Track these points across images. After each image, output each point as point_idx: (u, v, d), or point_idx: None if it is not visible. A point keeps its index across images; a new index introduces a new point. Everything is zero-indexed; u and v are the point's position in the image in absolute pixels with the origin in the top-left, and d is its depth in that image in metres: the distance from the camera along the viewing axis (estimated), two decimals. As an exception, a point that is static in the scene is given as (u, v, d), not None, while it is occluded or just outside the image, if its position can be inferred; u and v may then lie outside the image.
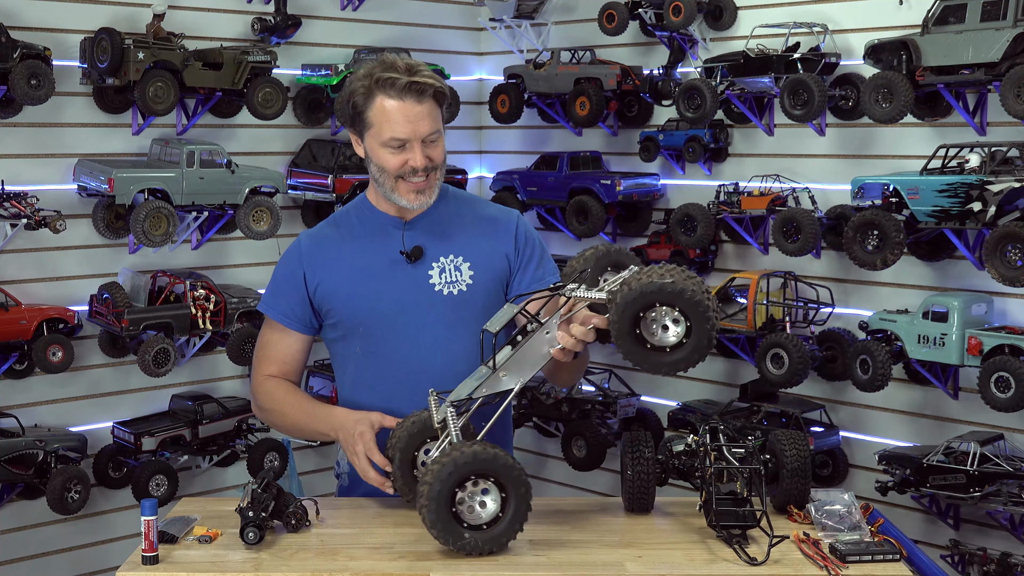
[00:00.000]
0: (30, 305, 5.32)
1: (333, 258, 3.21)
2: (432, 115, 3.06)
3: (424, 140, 3.05)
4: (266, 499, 2.79)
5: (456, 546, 2.62)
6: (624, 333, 2.53)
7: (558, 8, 6.63)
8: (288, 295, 3.24)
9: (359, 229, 3.23)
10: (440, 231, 3.20)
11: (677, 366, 2.57)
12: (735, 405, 5.70)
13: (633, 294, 2.50)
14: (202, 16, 5.83)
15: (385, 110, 3.02)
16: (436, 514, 2.60)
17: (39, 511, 5.42)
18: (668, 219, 5.96)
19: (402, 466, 2.89)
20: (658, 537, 2.86)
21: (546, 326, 2.72)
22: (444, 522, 2.60)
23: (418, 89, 3.01)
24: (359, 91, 3.05)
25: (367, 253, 3.19)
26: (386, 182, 3.10)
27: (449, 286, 3.16)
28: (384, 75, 3.01)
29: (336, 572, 2.62)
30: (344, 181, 6.01)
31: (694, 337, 2.53)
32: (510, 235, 3.27)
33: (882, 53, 5.01)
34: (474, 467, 2.59)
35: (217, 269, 6.00)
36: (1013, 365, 4.63)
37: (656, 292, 2.50)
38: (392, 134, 3.02)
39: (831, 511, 2.86)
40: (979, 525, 5.07)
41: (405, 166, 3.06)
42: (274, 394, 3.26)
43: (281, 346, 3.28)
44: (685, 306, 2.51)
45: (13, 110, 5.26)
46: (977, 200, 4.66)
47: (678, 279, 2.51)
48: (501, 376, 2.73)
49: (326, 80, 6.09)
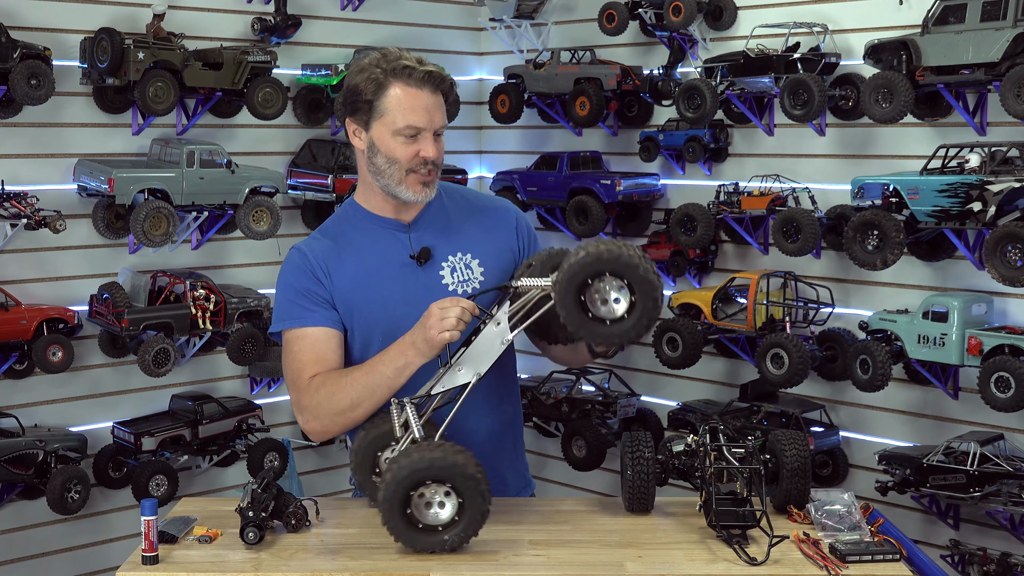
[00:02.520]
0: (30, 305, 5.32)
1: (338, 269, 3.08)
2: (443, 108, 3.04)
3: (435, 132, 3.02)
4: (266, 499, 2.79)
5: (409, 546, 2.65)
6: (569, 303, 2.55)
7: (558, 8, 6.64)
8: (307, 299, 3.06)
9: (356, 236, 3.12)
10: (443, 229, 3.15)
11: (624, 336, 2.60)
12: (735, 405, 5.70)
13: (578, 263, 2.53)
14: (202, 16, 5.84)
15: (402, 98, 2.98)
16: (391, 514, 2.62)
17: (39, 511, 5.42)
18: (668, 219, 5.96)
19: (363, 469, 2.91)
20: (658, 537, 2.86)
21: (496, 318, 2.74)
22: (396, 521, 2.63)
23: (435, 80, 3.00)
24: (369, 80, 2.99)
25: (373, 259, 3.09)
26: (394, 174, 3.03)
27: (462, 285, 3.11)
28: (400, 64, 2.98)
29: (336, 572, 2.62)
30: (344, 181, 6.01)
31: (639, 308, 2.56)
32: (512, 229, 3.24)
33: (882, 53, 5.01)
34: (430, 473, 2.60)
35: (217, 269, 6.00)
36: (1013, 365, 4.62)
37: (600, 261, 2.52)
38: (408, 122, 2.97)
39: (831, 511, 2.86)
40: (979, 525, 5.07)
41: (416, 157, 3.01)
42: (325, 379, 2.97)
43: (317, 347, 3.03)
44: (629, 275, 2.54)
45: (13, 110, 5.27)
46: (977, 200, 4.66)
47: (620, 249, 2.54)
48: (457, 371, 2.76)
49: (326, 80, 6.09)
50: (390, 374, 2.85)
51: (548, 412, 6.27)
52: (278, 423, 6.29)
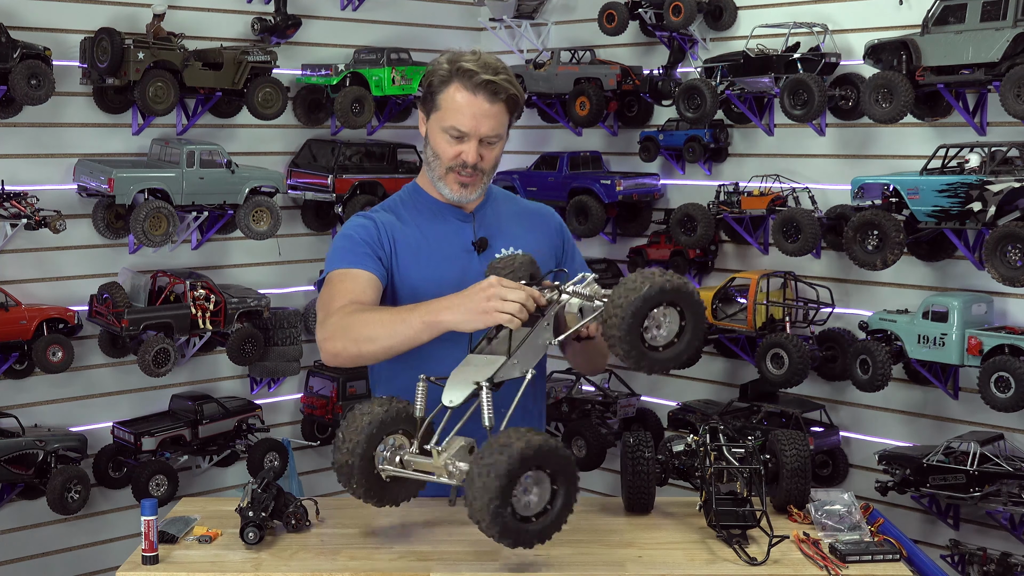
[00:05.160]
0: (30, 305, 5.32)
1: (402, 241, 3.14)
2: (498, 118, 3.10)
3: (483, 139, 3.09)
4: (266, 499, 2.79)
5: (507, 539, 2.50)
6: (634, 338, 2.55)
7: (558, 8, 6.64)
8: (367, 248, 3.07)
9: (419, 217, 3.20)
10: (497, 224, 3.25)
11: (677, 360, 2.63)
12: (735, 405, 5.69)
13: (641, 299, 2.53)
14: (202, 16, 5.84)
15: (455, 99, 3.06)
16: (500, 504, 2.43)
17: (39, 511, 5.42)
18: (668, 219, 5.96)
19: (362, 467, 2.72)
20: (658, 537, 2.86)
21: (546, 317, 2.73)
22: (503, 513, 2.45)
23: (493, 89, 3.05)
24: (439, 73, 3.09)
25: (436, 240, 3.16)
26: (437, 168, 3.13)
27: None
28: (466, 66, 3.05)
29: (336, 572, 2.62)
30: (344, 181, 6.02)
31: (689, 331, 2.61)
32: (554, 231, 3.36)
33: (882, 53, 5.01)
34: (536, 460, 2.46)
35: (217, 269, 6.00)
36: (1013, 365, 4.62)
37: (664, 293, 2.55)
38: (454, 123, 3.06)
39: (831, 511, 2.86)
40: (979, 525, 5.07)
41: (457, 158, 3.09)
42: (358, 308, 2.92)
43: (359, 285, 3.01)
44: (686, 304, 2.58)
45: (13, 110, 5.27)
46: (977, 200, 4.66)
47: (676, 280, 2.57)
48: (513, 362, 2.69)
49: (326, 80, 6.09)
50: (417, 326, 2.77)
51: (548, 412, 6.26)
52: (278, 423, 6.29)
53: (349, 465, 2.70)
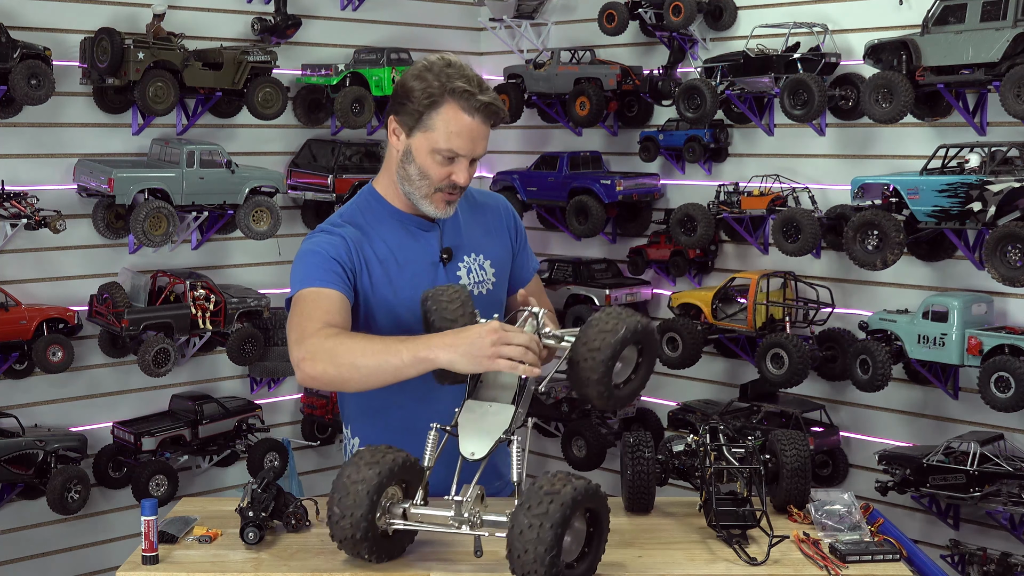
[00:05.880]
0: (30, 305, 5.32)
1: (372, 259, 3.03)
2: (487, 138, 3.01)
3: (472, 159, 3.01)
4: (266, 499, 2.79)
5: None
6: (608, 380, 2.62)
7: (558, 8, 6.64)
8: (338, 266, 2.95)
9: (383, 230, 3.08)
10: (457, 229, 3.15)
11: (633, 395, 2.75)
12: (735, 405, 5.69)
13: (619, 342, 2.59)
14: (202, 16, 5.84)
15: (452, 121, 2.94)
16: (553, 559, 2.36)
17: (39, 511, 5.42)
18: (668, 219, 5.96)
19: (368, 537, 2.56)
20: (658, 537, 2.86)
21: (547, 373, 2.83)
22: (555, 567, 2.37)
23: (491, 111, 2.97)
24: (426, 90, 2.94)
25: (406, 255, 3.06)
26: (422, 188, 3.01)
27: (478, 286, 3.14)
28: (462, 86, 2.92)
29: (336, 572, 2.62)
30: (344, 181, 6.01)
31: (644, 366, 2.74)
32: (506, 224, 3.29)
33: (882, 53, 5.01)
34: (583, 503, 2.44)
35: (217, 269, 6.00)
36: (1013, 365, 4.62)
37: (636, 334, 2.62)
38: (451, 145, 2.95)
39: (831, 511, 2.86)
40: (979, 525, 5.07)
41: (448, 180, 2.99)
42: (340, 332, 2.79)
43: (333, 307, 2.87)
44: (649, 343, 2.72)
45: (13, 110, 5.27)
46: (977, 200, 4.66)
47: (643, 320, 2.65)
48: (521, 412, 2.74)
49: (326, 80, 6.10)
50: (407, 359, 2.66)
51: (548, 412, 6.26)
52: (278, 423, 6.29)
53: (354, 539, 2.56)
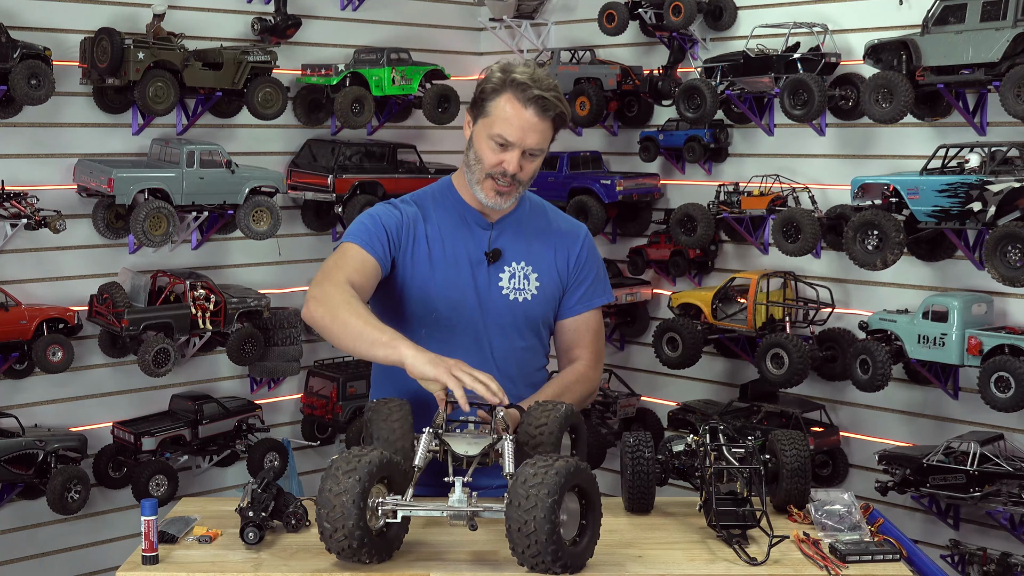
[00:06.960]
0: (30, 305, 5.31)
1: (421, 237, 3.27)
2: (544, 133, 3.19)
3: (526, 151, 3.17)
4: (266, 499, 2.79)
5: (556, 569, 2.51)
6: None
7: (558, 8, 6.64)
8: (384, 235, 3.21)
9: (442, 215, 3.31)
10: (516, 236, 3.34)
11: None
12: (735, 405, 5.69)
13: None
14: (202, 16, 5.83)
15: (506, 109, 3.15)
16: (549, 533, 2.44)
17: (39, 511, 5.42)
18: (668, 219, 5.96)
19: (364, 542, 2.53)
20: (658, 537, 2.86)
21: None
22: (556, 542, 2.44)
23: (543, 105, 3.14)
24: (492, 81, 3.19)
25: (455, 244, 3.28)
26: (477, 172, 3.23)
27: (516, 292, 3.30)
28: (519, 78, 3.14)
29: (336, 572, 2.62)
30: (344, 181, 6.01)
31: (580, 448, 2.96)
32: (573, 252, 3.41)
33: (882, 53, 5.01)
34: (573, 479, 2.50)
35: (217, 269, 6.00)
36: (1013, 365, 4.62)
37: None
38: (501, 131, 3.15)
39: (831, 511, 2.86)
40: (979, 525, 5.07)
41: (499, 166, 3.18)
42: (352, 297, 3.01)
43: (364, 270, 3.15)
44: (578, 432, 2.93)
45: (13, 110, 5.26)
46: (977, 200, 4.66)
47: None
48: None
49: (326, 80, 6.09)
50: (384, 339, 2.89)
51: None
52: (278, 423, 6.29)
53: (352, 548, 2.53)
